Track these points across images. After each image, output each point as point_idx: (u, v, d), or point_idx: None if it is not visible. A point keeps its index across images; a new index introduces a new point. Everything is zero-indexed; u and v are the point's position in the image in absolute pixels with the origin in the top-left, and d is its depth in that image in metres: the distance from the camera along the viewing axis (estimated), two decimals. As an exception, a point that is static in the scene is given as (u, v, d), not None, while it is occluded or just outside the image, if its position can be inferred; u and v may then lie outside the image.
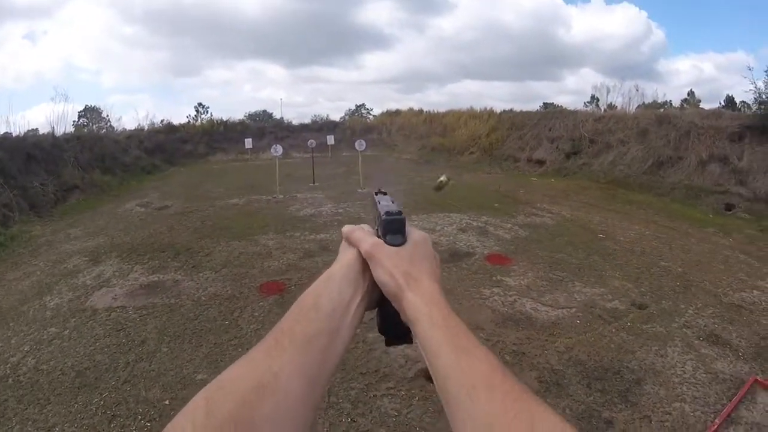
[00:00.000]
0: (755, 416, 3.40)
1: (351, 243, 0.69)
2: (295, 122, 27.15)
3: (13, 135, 13.15)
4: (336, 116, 30.82)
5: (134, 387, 4.10)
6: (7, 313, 5.52)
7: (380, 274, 0.63)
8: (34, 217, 9.84)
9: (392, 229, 0.67)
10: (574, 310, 5.27)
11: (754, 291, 5.75)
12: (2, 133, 13.05)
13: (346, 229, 0.72)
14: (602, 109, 19.34)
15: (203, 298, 5.84)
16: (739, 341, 4.53)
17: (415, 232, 0.69)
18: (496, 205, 10.47)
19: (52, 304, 5.73)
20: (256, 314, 5.38)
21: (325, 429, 3.51)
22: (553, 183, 13.42)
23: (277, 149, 13.05)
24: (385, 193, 0.82)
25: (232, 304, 5.65)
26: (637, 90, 18.62)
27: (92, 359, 4.53)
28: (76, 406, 3.87)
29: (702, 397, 3.65)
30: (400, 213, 0.68)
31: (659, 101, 20.36)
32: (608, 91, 20.05)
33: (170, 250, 7.60)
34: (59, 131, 14.92)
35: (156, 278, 6.46)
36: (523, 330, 4.84)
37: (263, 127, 25.53)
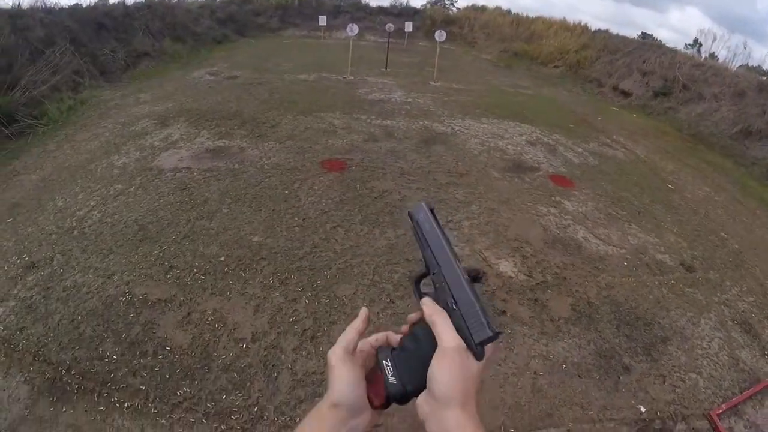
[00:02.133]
0: (758, 417, 3.28)
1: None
2: (372, 4, 25.50)
3: (84, 5, 13.03)
4: (417, 3, 28.66)
5: (193, 243, 4.15)
6: (76, 171, 5.64)
7: (443, 377, 0.61)
8: (104, 83, 9.90)
9: (483, 344, 0.63)
10: (624, 251, 5.02)
11: (803, 294, 5.02)
12: (73, 3, 12.93)
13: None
14: (703, 57, 16.97)
15: (266, 166, 5.77)
16: (770, 338, 4.14)
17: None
18: (571, 125, 9.60)
19: (119, 162, 5.82)
20: (315, 188, 5.28)
21: (365, 303, 3.49)
22: (635, 119, 12.11)
23: (353, 29, 12.31)
24: (433, 212, 0.75)
25: (293, 175, 5.56)
26: (745, 48, 16.37)
27: (155, 215, 4.60)
28: (136, 257, 3.95)
29: (718, 377, 3.57)
30: (499, 334, 0.62)
31: (765, 68, 17.79)
32: (714, 40, 18.06)
33: (237, 118, 7.48)
34: (130, 0, 14.69)
35: (222, 144, 6.40)
36: (570, 256, 4.72)
37: (339, 5, 24.23)
